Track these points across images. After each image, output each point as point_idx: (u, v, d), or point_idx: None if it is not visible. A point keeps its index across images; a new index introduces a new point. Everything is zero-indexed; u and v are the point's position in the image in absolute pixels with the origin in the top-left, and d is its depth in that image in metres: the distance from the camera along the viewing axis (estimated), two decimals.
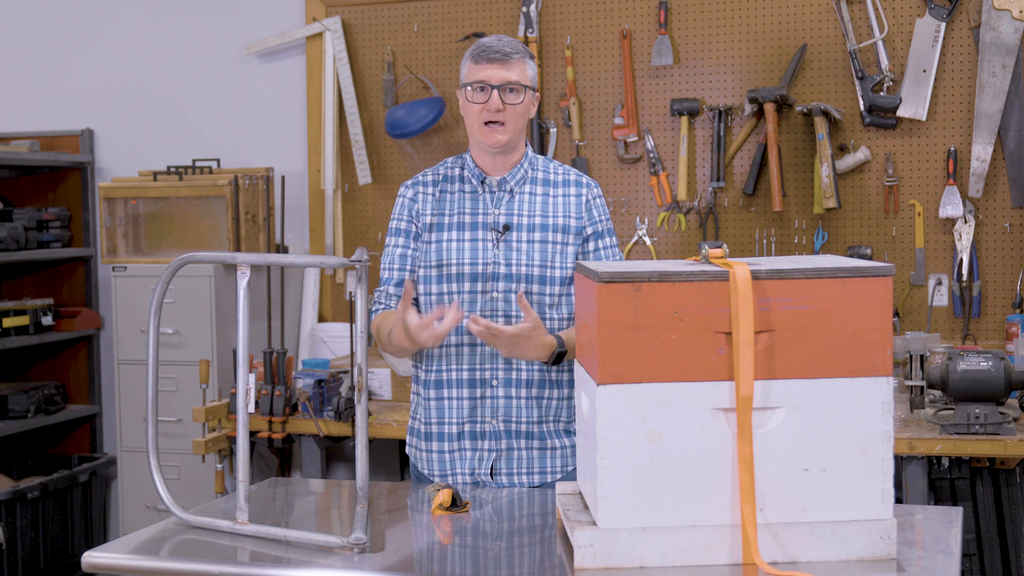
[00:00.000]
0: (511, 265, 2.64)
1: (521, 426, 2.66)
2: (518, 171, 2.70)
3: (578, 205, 2.70)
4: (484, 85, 2.62)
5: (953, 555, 2.04)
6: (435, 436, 2.69)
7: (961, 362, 3.18)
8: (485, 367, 2.64)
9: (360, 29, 4.72)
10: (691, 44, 4.38)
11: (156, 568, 2.13)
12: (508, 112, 2.62)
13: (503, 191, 2.69)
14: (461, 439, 2.67)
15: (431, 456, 2.70)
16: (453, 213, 2.69)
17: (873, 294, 1.95)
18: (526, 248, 2.65)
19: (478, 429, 2.66)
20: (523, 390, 2.65)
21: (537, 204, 2.69)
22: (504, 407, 2.65)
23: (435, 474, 2.70)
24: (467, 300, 2.64)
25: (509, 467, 2.67)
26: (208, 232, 4.52)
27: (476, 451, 2.67)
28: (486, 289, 2.64)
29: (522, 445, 2.67)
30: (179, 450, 4.32)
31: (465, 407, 2.66)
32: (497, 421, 2.66)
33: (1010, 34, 4.04)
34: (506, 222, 2.66)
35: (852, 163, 4.21)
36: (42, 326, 4.84)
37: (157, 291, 2.34)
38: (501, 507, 2.43)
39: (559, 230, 2.67)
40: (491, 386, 2.65)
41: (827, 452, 1.95)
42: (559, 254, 2.66)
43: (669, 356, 1.93)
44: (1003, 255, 4.14)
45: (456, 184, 2.72)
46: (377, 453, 4.39)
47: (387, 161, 4.72)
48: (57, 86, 5.18)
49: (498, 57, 2.61)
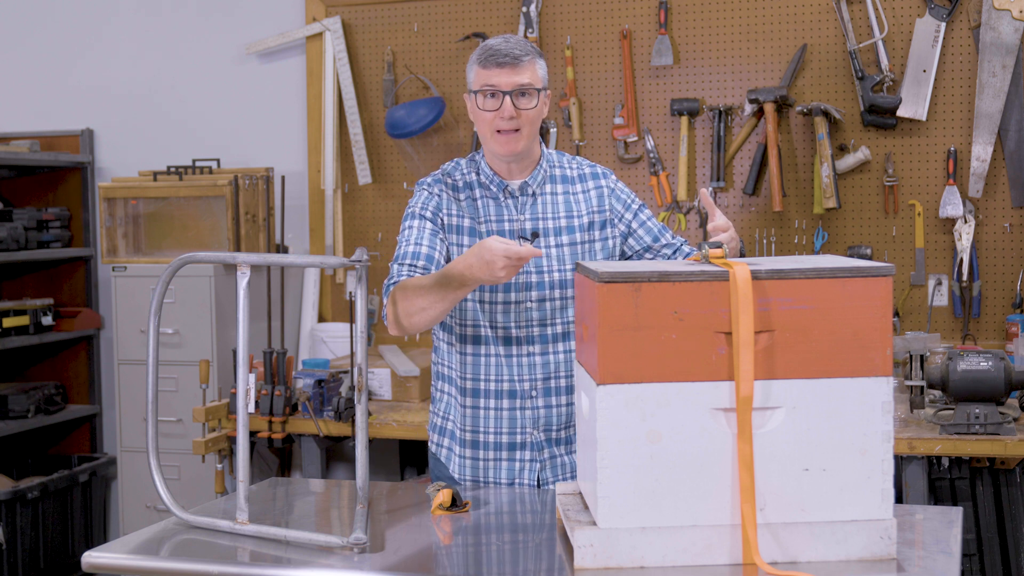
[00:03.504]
0: (543, 273, 2.57)
1: (561, 433, 2.63)
2: (538, 173, 2.62)
3: (599, 198, 2.65)
4: (495, 91, 2.51)
5: (953, 555, 2.04)
6: (470, 443, 2.64)
7: (961, 362, 3.18)
8: (524, 378, 2.59)
9: (360, 29, 4.72)
10: (691, 44, 4.38)
11: (156, 568, 2.13)
12: (522, 118, 2.53)
13: (526, 195, 2.62)
14: (499, 449, 2.62)
15: (464, 462, 2.65)
16: (480, 221, 2.60)
17: (873, 294, 1.95)
18: (556, 253, 2.59)
19: (517, 440, 2.62)
20: (563, 398, 2.61)
21: (560, 205, 2.63)
22: (545, 417, 2.61)
23: (467, 479, 2.66)
24: (500, 310, 2.57)
25: (555, 475, 2.64)
26: (208, 232, 4.52)
27: (514, 461, 2.62)
28: (519, 299, 2.57)
29: (562, 451, 2.64)
30: (179, 450, 4.32)
31: (504, 418, 2.61)
32: (538, 431, 2.61)
33: (1010, 34, 4.04)
34: (533, 228, 2.59)
35: (852, 163, 4.20)
36: (42, 326, 4.84)
37: (157, 291, 2.34)
38: (501, 507, 2.43)
39: (585, 229, 2.62)
40: (530, 397, 2.60)
41: (827, 452, 1.95)
42: (587, 253, 2.61)
43: (669, 356, 1.93)
44: (1003, 255, 4.14)
45: (477, 190, 2.62)
46: (377, 453, 4.39)
47: (387, 161, 4.72)
48: (57, 86, 5.18)
49: (508, 61, 2.51)
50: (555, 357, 2.59)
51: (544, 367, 2.58)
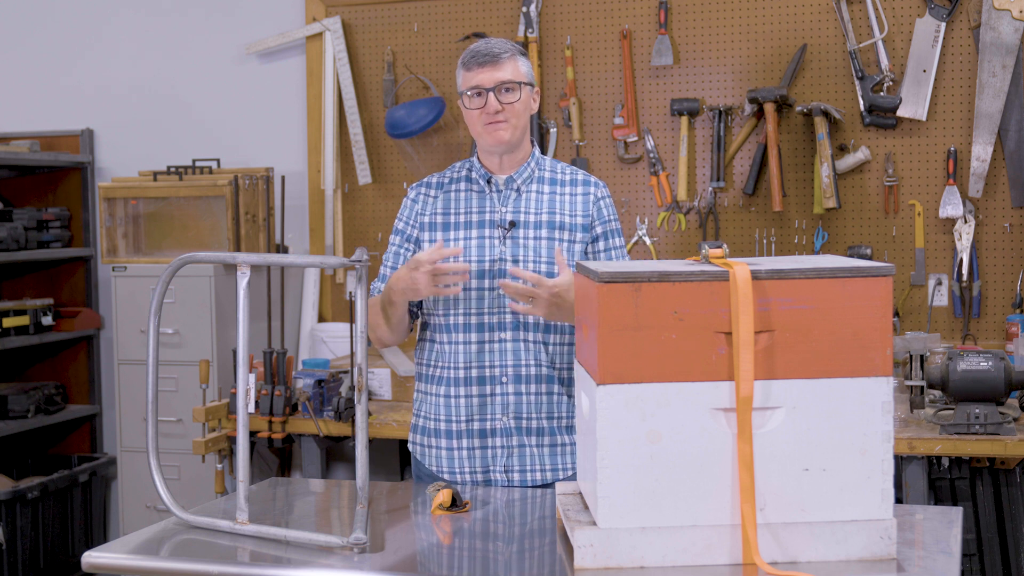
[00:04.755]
0: (518, 261, 2.64)
1: (531, 422, 2.67)
2: (524, 169, 2.71)
3: (585, 203, 2.71)
4: (479, 90, 2.63)
5: (953, 555, 2.04)
6: (443, 433, 2.70)
7: (961, 362, 3.18)
8: (494, 364, 2.65)
9: (360, 29, 4.72)
10: (691, 44, 4.38)
11: (156, 568, 2.13)
12: (507, 111, 2.63)
13: (510, 189, 2.70)
14: (471, 436, 2.67)
15: (439, 453, 2.71)
16: (460, 212, 2.71)
17: (873, 294, 1.95)
18: (533, 244, 2.66)
19: (488, 426, 2.67)
20: (532, 386, 2.66)
21: (544, 202, 2.70)
22: (515, 403, 2.66)
23: (443, 471, 2.70)
24: (474, 296, 2.65)
25: (522, 464, 2.67)
26: (208, 232, 4.52)
27: (486, 448, 2.67)
28: (493, 286, 2.65)
29: (532, 442, 2.67)
30: (179, 450, 4.32)
31: (475, 404, 2.66)
32: (508, 418, 2.66)
33: (1010, 34, 4.04)
34: (512, 219, 2.67)
35: (852, 163, 4.20)
36: (42, 326, 4.84)
37: (157, 291, 2.34)
38: (501, 507, 2.43)
39: (566, 227, 2.68)
40: (500, 383, 2.66)
41: (827, 452, 1.95)
42: (566, 251, 2.66)
43: (669, 356, 1.93)
44: (1003, 255, 4.14)
45: (463, 184, 2.74)
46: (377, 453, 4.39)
47: (387, 161, 4.72)
48: (57, 86, 5.18)
49: (488, 60, 2.63)
50: (526, 345, 2.65)
51: (515, 354, 2.65)
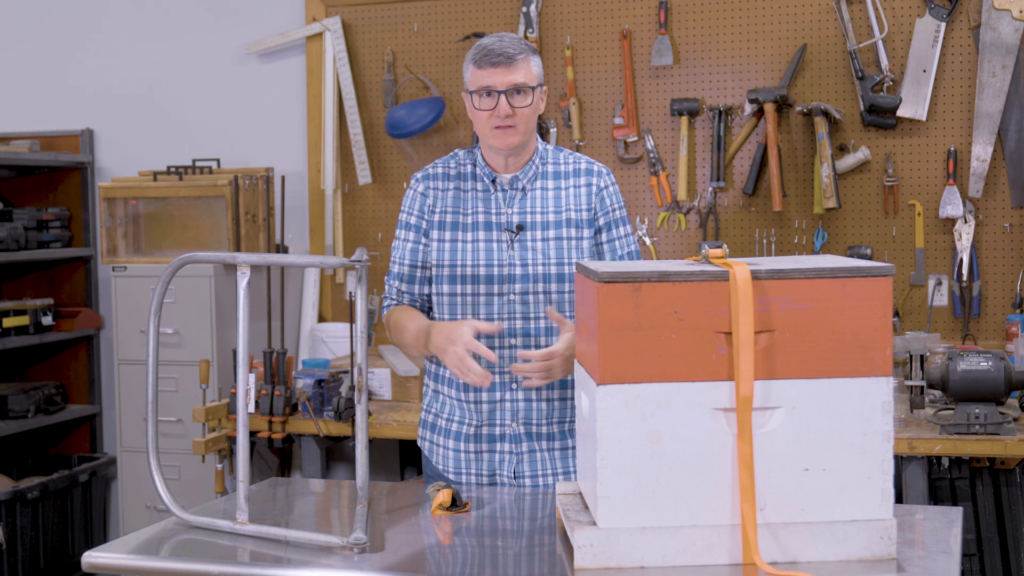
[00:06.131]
0: (527, 265, 2.61)
1: (542, 428, 2.65)
2: (529, 168, 2.66)
3: (588, 195, 2.66)
4: (490, 91, 2.56)
5: (953, 555, 2.04)
6: (452, 434, 2.68)
7: (961, 362, 3.18)
8: (505, 370, 2.61)
9: (360, 29, 4.72)
10: (691, 44, 4.38)
11: (156, 568, 2.13)
12: (518, 115, 2.57)
13: (515, 189, 2.65)
14: (478, 441, 2.66)
15: (447, 452, 2.70)
16: (467, 213, 2.66)
17: (873, 294, 1.95)
18: (541, 247, 2.62)
19: (496, 432, 2.65)
20: (543, 392, 2.63)
21: (549, 200, 2.65)
22: (524, 410, 2.63)
23: (450, 471, 2.69)
24: (483, 302, 2.62)
25: (533, 469, 2.65)
26: (208, 232, 4.52)
27: (493, 453, 2.65)
28: (502, 291, 2.61)
29: (543, 447, 2.65)
30: (179, 450, 4.32)
31: (484, 410, 2.64)
32: (517, 424, 2.64)
33: (1010, 34, 4.04)
34: (519, 221, 2.63)
35: (852, 163, 4.20)
36: (42, 326, 4.84)
37: (157, 291, 2.34)
38: (501, 507, 2.43)
39: (572, 225, 2.64)
40: (511, 389, 2.63)
41: (827, 452, 1.95)
42: (574, 250, 2.62)
43: (669, 356, 1.93)
44: (1003, 255, 4.14)
45: (469, 182, 2.68)
46: (377, 453, 4.39)
47: (387, 161, 4.72)
48: (57, 86, 5.18)
49: (502, 60, 2.55)
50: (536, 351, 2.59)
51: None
